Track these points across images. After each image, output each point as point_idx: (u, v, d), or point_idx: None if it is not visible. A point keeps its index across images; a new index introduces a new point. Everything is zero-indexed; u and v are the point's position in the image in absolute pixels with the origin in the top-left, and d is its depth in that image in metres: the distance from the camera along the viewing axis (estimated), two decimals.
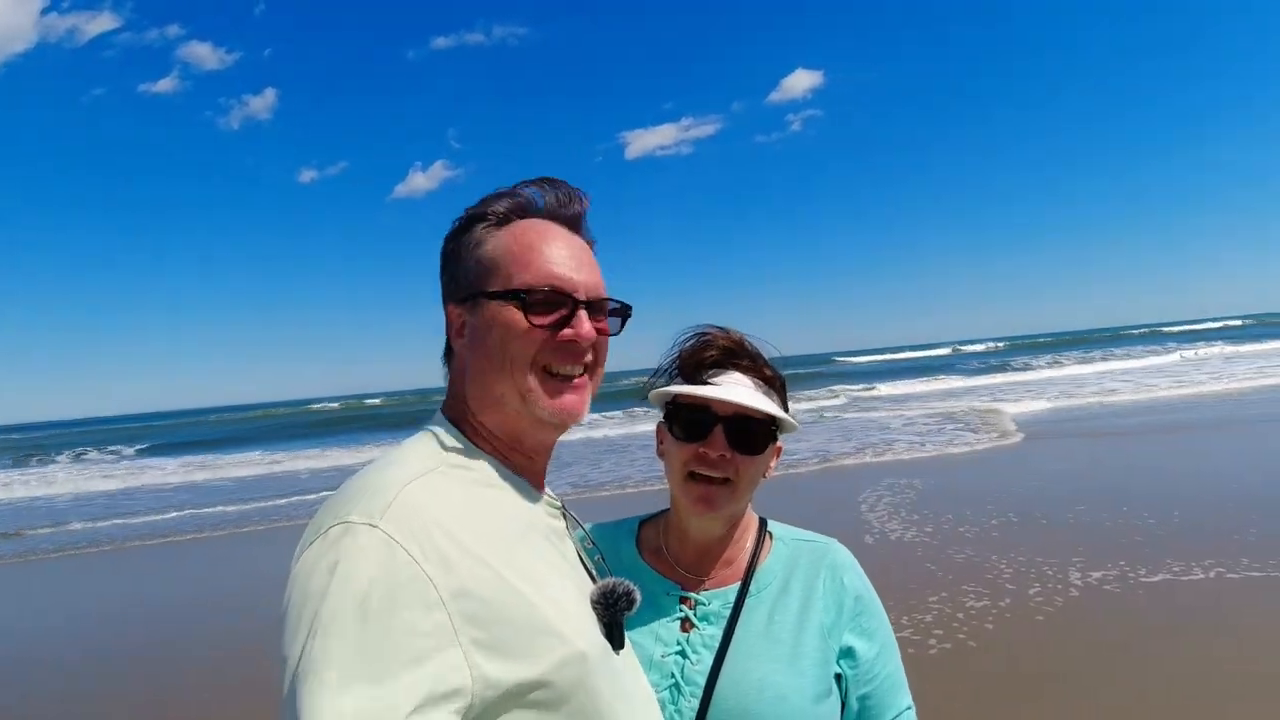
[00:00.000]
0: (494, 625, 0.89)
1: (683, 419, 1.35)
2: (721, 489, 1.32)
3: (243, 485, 16.16)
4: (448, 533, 0.91)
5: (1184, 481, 8.90)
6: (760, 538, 1.42)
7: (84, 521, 12.63)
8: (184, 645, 6.13)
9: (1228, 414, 14.50)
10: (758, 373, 1.38)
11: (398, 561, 0.86)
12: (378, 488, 0.94)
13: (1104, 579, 5.67)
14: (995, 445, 12.81)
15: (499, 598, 0.91)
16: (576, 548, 1.17)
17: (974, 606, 5.36)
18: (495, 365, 1.07)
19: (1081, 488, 8.81)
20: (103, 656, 6.07)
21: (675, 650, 1.31)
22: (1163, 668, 4.21)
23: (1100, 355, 39.25)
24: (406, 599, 0.84)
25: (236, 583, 8.12)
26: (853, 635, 1.32)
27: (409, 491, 0.93)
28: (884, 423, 17.75)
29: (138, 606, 7.53)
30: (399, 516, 0.89)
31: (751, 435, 1.33)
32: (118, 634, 6.63)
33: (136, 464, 24.55)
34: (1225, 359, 30.53)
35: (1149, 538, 6.58)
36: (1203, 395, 17.90)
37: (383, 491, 0.93)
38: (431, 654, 0.83)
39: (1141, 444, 12.00)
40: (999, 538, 7.03)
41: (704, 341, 1.40)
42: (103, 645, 6.37)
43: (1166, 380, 22.36)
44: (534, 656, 0.91)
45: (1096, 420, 15.15)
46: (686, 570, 1.39)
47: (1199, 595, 5.23)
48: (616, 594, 1.09)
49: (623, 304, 1.16)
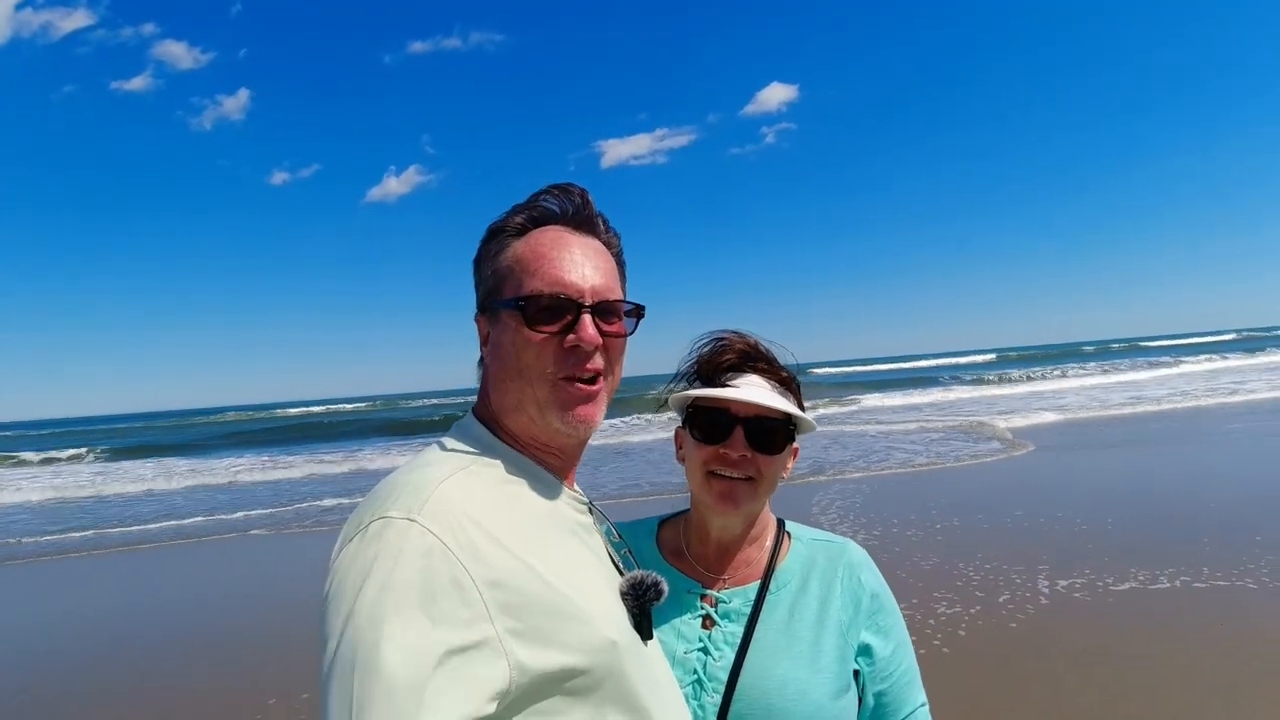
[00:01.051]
0: (528, 614, 0.92)
1: (703, 421, 1.39)
2: (743, 485, 1.36)
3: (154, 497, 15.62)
4: (481, 527, 0.95)
5: (1150, 492, 9.15)
6: (779, 537, 1.45)
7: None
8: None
9: (1208, 426, 14.97)
10: (774, 374, 1.43)
11: (435, 554, 0.90)
12: (415, 485, 0.98)
13: (1072, 587, 5.81)
14: (970, 457, 13.05)
15: (531, 588, 0.94)
16: (604, 542, 1.20)
17: (945, 613, 5.45)
18: (511, 374, 1.11)
19: (1047, 497, 9.01)
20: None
21: (698, 647, 1.33)
22: (1139, 675, 4.32)
23: (1082, 368, 39.41)
24: (444, 588, 0.88)
25: (164, 601, 7.93)
26: (870, 633, 1.36)
27: (445, 488, 0.97)
28: (858, 434, 17.97)
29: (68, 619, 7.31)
30: (436, 512, 0.93)
31: (771, 435, 1.37)
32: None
33: (70, 468, 23.79)
34: (1212, 373, 31.00)
35: (1114, 547, 6.76)
36: (1183, 409, 18.43)
37: (420, 489, 0.97)
38: (468, 642, 0.86)
39: (1117, 456, 12.30)
40: (965, 544, 7.16)
41: (721, 345, 1.44)
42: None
43: (1164, 392, 22.86)
44: (567, 644, 0.94)
45: (1071, 433, 15.51)
46: (707, 569, 1.42)
47: (1169, 603, 5.39)
48: (645, 585, 1.13)
49: (636, 305, 1.19)
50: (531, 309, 1.09)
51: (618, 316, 1.16)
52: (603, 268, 1.15)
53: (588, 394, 1.12)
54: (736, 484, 1.36)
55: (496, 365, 1.14)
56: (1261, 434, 13.43)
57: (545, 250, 1.12)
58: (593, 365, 1.11)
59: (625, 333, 1.17)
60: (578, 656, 0.94)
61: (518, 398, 1.11)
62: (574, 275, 1.11)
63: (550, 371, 1.10)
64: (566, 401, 1.10)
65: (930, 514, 8.57)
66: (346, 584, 0.88)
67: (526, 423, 1.12)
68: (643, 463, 14.90)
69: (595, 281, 1.12)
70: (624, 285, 1.22)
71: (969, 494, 9.85)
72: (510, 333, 1.11)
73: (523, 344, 1.09)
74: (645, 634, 1.11)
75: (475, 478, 1.03)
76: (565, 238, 1.14)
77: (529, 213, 1.16)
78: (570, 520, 1.13)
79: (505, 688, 0.88)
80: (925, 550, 7.13)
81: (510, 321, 1.11)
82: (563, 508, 1.13)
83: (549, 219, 1.16)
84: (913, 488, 10.56)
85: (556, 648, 0.93)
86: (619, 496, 10.65)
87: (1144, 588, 5.70)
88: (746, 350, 1.43)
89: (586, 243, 1.16)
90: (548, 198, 1.17)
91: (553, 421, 1.10)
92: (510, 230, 1.16)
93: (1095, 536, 7.16)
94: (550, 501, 1.11)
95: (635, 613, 1.11)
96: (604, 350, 1.13)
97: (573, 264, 1.11)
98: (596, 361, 1.12)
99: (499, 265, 1.15)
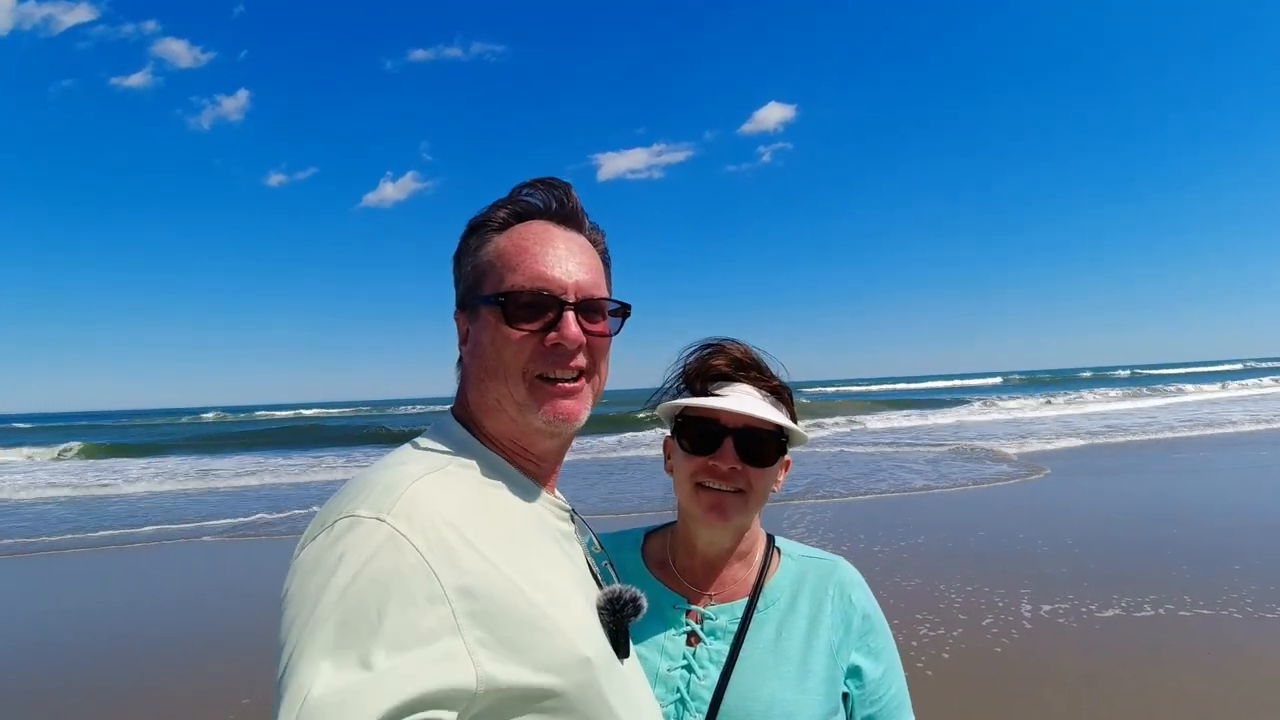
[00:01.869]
0: (499, 625, 0.87)
1: (692, 432, 1.34)
2: (733, 498, 1.31)
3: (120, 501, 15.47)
4: (455, 530, 0.90)
5: (1137, 518, 9.17)
6: (769, 553, 1.41)
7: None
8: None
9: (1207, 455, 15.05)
10: (766, 384, 1.38)
11: (404, 556, 0.85)
12: (387, 483, 0.93)
13: (1055, 612, 5.78)
14: (971, 482, 13.06)
15: (505, 597, 0.89)
16: (584, 553, 1.16)
17: (929, 635, 5.41)
18: (490, 373, 1.07)
19: (1033, 522, 9.01)
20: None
21: (681, 664, 1.28)
22: (1127, 702, 4.30)
23: (1095, 393, 38.90)
24: (410, 594, 0.83)
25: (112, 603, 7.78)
26: (860, 655, 1.32)
27: (417, 488, 0.93)
28: (853, 454, 17.96)
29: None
30: (406, 512, 0.88)
31: (761, 447, 1.32)
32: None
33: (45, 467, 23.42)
34: (1227, 401, 31.32)
35: (1096, 573, 6.75)
36: (1190, 439, 18.53)
37: (391, 488, 0.92)
38: (431, 653, 0.81)
39: (1113, 482, 12.33)
40: (945, 567, 7.13)
41: (711, 353, 1.40)
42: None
43: (1173, 419, 23.03)
44: (540, 660, 0.89)
45: (1074, 458, 15.56)
46: (693, 584, 1.37)
47: (1155, 630, 5.37)
48: (623, 600, 1.08)
49: (621, 304, 1.15)
50: (512, 305, 1.05)
51: (602, 315, 1.12)
52: (587, 264, 1.11)
53: (569, 390, 1.07)
54: (726, 496, 1.31)
55: (475, 364, 1.09)
56: (1247, 465, 13.53)
57: (528, 245, 1.08)
58: (575, 364, 1.07)
59: (610, 332, 1.13)
60: (551, 675, 0.89)
61: (496, 397, 1.07)
62: (557, 271, 1.07)
63: (530, 370, 1.06)
64: (547, 398, 1.06)
65: (913, 535, 8.54)
66: (306, 590, 0.83)
67: (506, 423, 1.08)
68: (631, 479, 14.82)
69: (579, 277, 1.08)
70: (610, 283, 1.19)
71: (960, 517, 9.84)
72: (490, 330, 1.07)
73: (502, 342, 1.05)
74: (622, 651, 1.06)
75: (452, 478, 0.99)
76: (549, 232, 1.10)
77: (512, 207, 1.12)
78: (551, 527, 1.08)
79: (471, 690, 0.82)
80: (908, 571, 7.10)
81: (490, 318, 1.07)
82: (543, 514, 1.09)
83: (532, 213, 1.12)
84: (902, 509, 10.54)
85: (529, 664, 0.88)
86: (602, 512, 10.59)
87: (1128, 615, 5.68)
88: (737, 359, 1.38)
89: (571, 238, 1.12)
90: (531, 192, 1.13)
91: (533, 420, 1.06)
92: (492, 225, 1.12)
93: (1077, 561, 7.15)
94: (529, 507, 1.07)
95: (611, 629, 1.06)
96: (588, 349, 1.09)
97: (556, 259, 1.07)
98: (579, 360, 1.08)
99: (479, 260, 1.11)
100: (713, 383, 1.37)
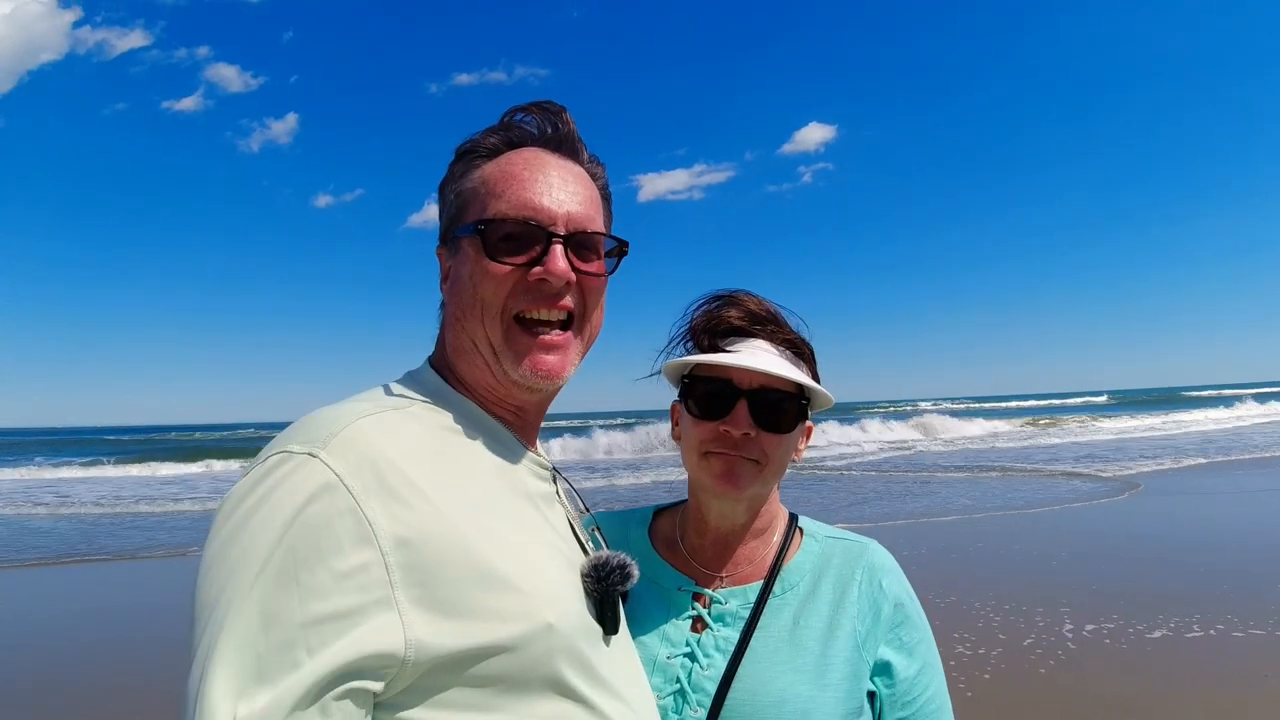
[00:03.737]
0: (439, 582, 0.75)
1: (701, 393, 1.19)
2: (748, 464, 1.16)
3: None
4: (400, 472, 0.79)
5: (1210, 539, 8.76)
6: (790, 533, 1.25)
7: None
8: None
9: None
10: (784, 338, 1.22)
11: (334, 496, 0.74)
12: (331, 418, 0.83)
13: (1099, 632, 5.48)
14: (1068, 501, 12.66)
15: (450, 551, 0.77)
16: (569, 516, 1.03)
17: (965, 654, 5.15)
18: (467, 310, 0.96)
19: (1074, 542, 8.65)
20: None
21: (683, 652, 1.13)
22: None
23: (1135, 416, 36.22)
24: (336, 541, 0.73)
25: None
26: (890, 648, 1.15)
27: (364, 423, 0.82)
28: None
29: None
30: (344, 449, 0.78)
31: (780, 410, 1.16)
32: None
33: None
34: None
35: (1144, 592, 6.41)
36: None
37: (334, 421, 0.81)
38: (354, 614, 0.71)
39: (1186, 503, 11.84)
40: (983, 587, 6.82)
41: (720, 305, 1.24)
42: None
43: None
44: (485, 623, 0.77)
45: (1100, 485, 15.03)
46: (703, 565, 1.22)
47: (1204, 652, 5.05)
48: (610, 566, 0.95)
49: (619, 240, 1.03)
50: (494, 235, 0.93)
51: (596, 253, 1.00)
52: (582, 195, 0.99)
53: (552, 343, 0.95)
54: (739, 461, 1.16)
55: (453, 301, 0.98)
56: None
57: (516, 170, 0.97)
58: (562, 304, 0.95)
59: (604, 272, 1.01)
60: (496, 638, 0.77)
61: (472, 339, 0.96)
62: (546, 200, 0.95)
63: (510, 308, 0.94)
64: (526, 348, 0.94)
65: (967, 555, 8.23)
66: (223, 532, 0.75)
67: (481, 370, 0.96)
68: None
69: (571, 208, 0.96)
70: (609, 221, 1.06)
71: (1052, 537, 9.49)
72: (469, 263, 0.95)
73: (481, 275, 0.94)
74: (609, 626, 0.93)
75: (413, 419, 0.88)
76: (541, 158, 0.99)
77: (504, 133, 1.01)
78: (526, 485, 0.96)
79: (398, 656, 0.72)
80: (943, 589, 6.81)
81: (470, 250, 0.95)
82: (519, 471, 0.97)
83: (525, 140, 1.01)
84: (973, 531, 10.21)
85: (470, 623, 0.76)
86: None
87: (1178, 635, 5.35)
88: (752, 311, 1.22)
89: (566, 166, 1.00)
90: (524, 116, 1.02)
91: (509, 370, 0.94)
92: (480, 151, 1.01)
93: (1125, 580, 6.80)
94: (504, 461, 0.95)
95: (597, 598, 0.93)
96: (577, 290, 0.97)
97: (547, 187, 0.96)
98: (566, 300, 0.96)
99: (463, 188, 1.00)
100: (724, 338, 1.21)
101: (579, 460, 22.23)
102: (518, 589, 0.80)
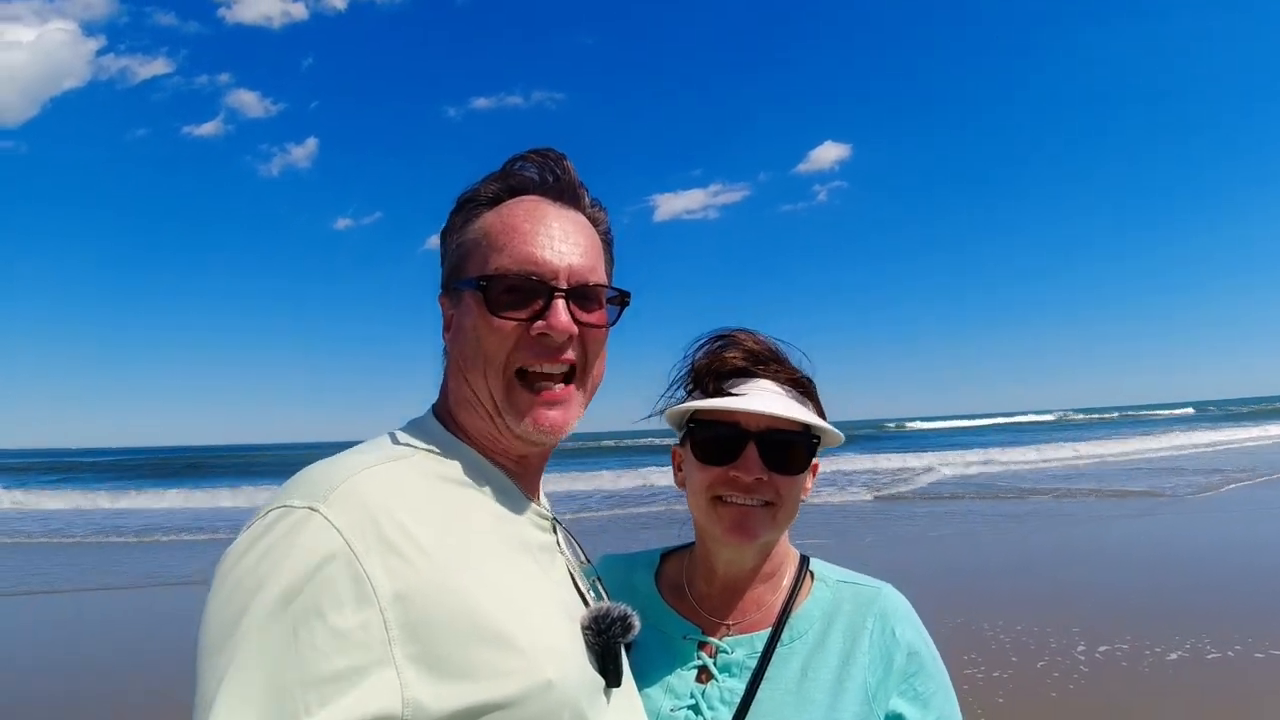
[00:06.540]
0: (439, 639, 0.75)
1: (706, 438, 1.17)
2: (760, 512, 1.14)
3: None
4: (400, 526, 0.78)
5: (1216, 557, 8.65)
6: (800, 577, 1.22)
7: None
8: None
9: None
10: (788, 377, 1.20)
11: (335, 554, 0.74)
12: (330, 472, 0.83)
13: (1112, 653, 5.39)
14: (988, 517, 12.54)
15: (450, 607, 0.77)
16: (570, 568, 1.02)
17: (979, 677, 5.08)
18: (469, 363, 0.96)
19: (1080, 558, 8.55)
20: None
21: (687, 704, 1.10)
22: None
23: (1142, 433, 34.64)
24: (336, 599, 0.72)
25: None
26: (903, 700, 1.11)
27: (363, 477, 0.82)
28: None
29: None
30: (344, 502, 0.77)
31: (789, 451, 1.14)
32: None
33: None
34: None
35: (1158, 610, 6.32)
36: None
37: (334, 474, 0.81)
38: (353, 674, 0.71)
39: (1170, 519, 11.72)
40: (990, 605, 6.74)
41: (721, 346, 1.22)
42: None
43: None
44: (484, 681, 0.76)
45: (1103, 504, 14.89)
46: (710, 613, 1.19)
47: (1220, 675, 4.96)
48: (610, 618, 0.94)
49: (620, 291, 1.02)
50: (495, 290, 0.93)
51: (598, 303, 0.99)
52: (583, 245, 0.98)
53: (554, 398, 0.95)
54: (751, 510, 1.13)
55: (456, 352, 0.98)
56: None
57: (517, 223, 0.96)
58: (564, 358, 0.95)
59: (605, 323, 1.00)
60: (497, 696, 0.76)
61: (474, 391, 0.95)
62: (548, 252, 0.94)
63: (513, 362, 0.93)
64: (529, 404, 0.94)
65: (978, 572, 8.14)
66: (224, 588, 0.75)
67: (483, 421, 0.96)
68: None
69: (573, 260, 0.95)
70: (610, 268, 1.05)
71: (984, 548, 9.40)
72: (471, 316, 0.95)
73: (484, 330, 0.93)
74: (612, 679, 0.92)
75: (413, 469, 0.88)
76: (542, 208, 0.98)
77: (504, 181, 1.01)
78: (527, 537, 0.95)
79: (393, 716, 0.72)
80: (951, 609, 6.73)
81: (472, 303, 0.95)
82: (521, 522, 0.96)
83: (526, 188, 1.00)
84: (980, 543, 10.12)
85: (471, 683, 0.75)
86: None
87: (1196, 656, 5.26)
88: (753, 350, 1.20)
89: (567, 215, 0.99)
90: (524, 164, 1.02)
91: (512, 426, 0.94)
92: (481, 200, 1.01)
93: (1136, 597, 6.71)
94: (506, 512, 0.94)
95: (598, 651, 0.91)
96: (579, 342, 0.96)
97: (548, 239, 0.95)
98: (569, 354, 0.95)
99: (465, 238, 0.99)
100: (727, 380, 1.19)
101: (590, 490, 22.08)
102: (517, 645, 0.79)
